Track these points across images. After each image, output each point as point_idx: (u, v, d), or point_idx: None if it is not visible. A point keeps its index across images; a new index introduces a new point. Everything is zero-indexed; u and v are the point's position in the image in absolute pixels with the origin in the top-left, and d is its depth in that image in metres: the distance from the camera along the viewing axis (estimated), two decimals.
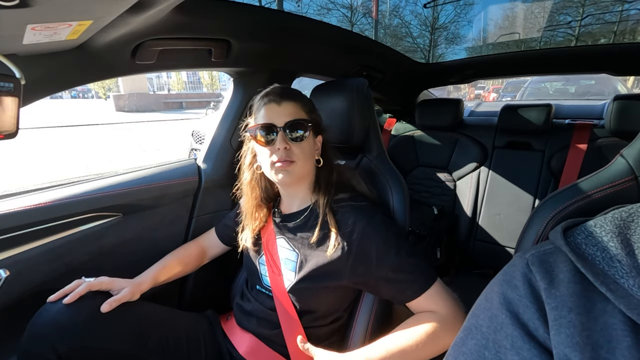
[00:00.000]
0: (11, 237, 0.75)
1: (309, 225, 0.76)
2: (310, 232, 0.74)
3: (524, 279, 0.36)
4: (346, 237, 0.70)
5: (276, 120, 0.71)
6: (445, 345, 0.65)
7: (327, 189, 0.76)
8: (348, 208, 0.74)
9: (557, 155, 1.44)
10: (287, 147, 0.71)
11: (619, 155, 0.50)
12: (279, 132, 0.71)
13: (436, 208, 1.61)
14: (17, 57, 0.57)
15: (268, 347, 0.76)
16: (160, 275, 0.87)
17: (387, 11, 9.52)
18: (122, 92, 16.06)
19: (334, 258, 0.69)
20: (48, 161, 5.22)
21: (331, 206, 0.74)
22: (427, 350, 0.64)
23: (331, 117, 0.89)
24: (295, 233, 0.78)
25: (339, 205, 0.74)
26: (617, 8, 5.26)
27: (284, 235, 0.80)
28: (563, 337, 0.31)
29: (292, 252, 0.77)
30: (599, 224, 0.37)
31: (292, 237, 0.78)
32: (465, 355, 0.37)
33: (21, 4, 0.37)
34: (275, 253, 0.79)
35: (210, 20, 0.78)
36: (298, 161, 0.72)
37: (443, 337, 0.64)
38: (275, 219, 0.82)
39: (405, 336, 0.65)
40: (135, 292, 0.77)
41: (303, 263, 0.74)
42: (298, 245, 0.76)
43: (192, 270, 0.97)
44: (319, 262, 0.71)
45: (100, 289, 0.74)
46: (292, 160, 0.72)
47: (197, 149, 3.18)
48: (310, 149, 0.75)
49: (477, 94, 13.45)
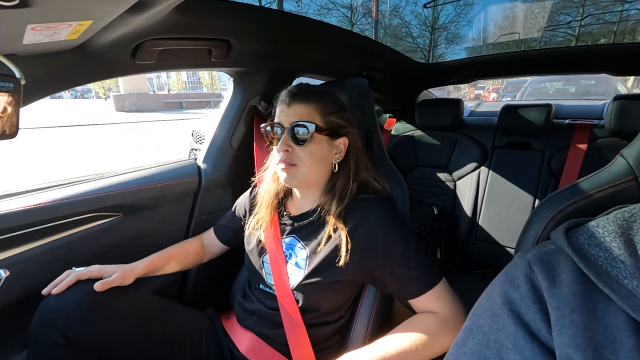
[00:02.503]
0: (11, 237, 0.75)
1: (318, 224, 0.75)
2: (321, 231, 0.73)
3: (526, 279, 0.36)
4: (354, 231, 0.70)
5: (284, 121, 0.72)
6: (445, 347, 0.64)
7: (341, 199, 0.73)
8: (357, 202, 0.73)
9: (557, 155, 1.44)
10: (289, 149, 0.70)
11: (619, 155, 0.50)
12: (283, 133, 0.71)
13: (436, 208, 1.61)
14: (17, 57, 0.57)
15: (269, 346, 0.76)
16: (156, 262, 0.87)
17: (387, 11, 9.52)
18: (122, 92, 16.04)
19: (342, 253, 0.69)
20: (48, 161, 5.21)
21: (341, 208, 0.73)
22: (427, 351, 0.64)
23: None
24: (306, 231, 0.77)
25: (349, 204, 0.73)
26: (617, 8, 5.26)
27: (293, 234, 0.79)
28: (565, 338, 0.31)
29: (302, 249, 0.76)
30: (602, 225, 0.37)
31: (301, 235, 0.78)
32: (467, 355, 0.37)
33: (21, 4, 0.37)
34: (281, 251, 0.79)
35: (210, 20, 0.78)
36: (301, 165, 0.71)
37: (443, 338, 0.64)
38: (283, 218, 0.82)
39: (405, 336, 0.64)
40: (126, 277, 0.77)
41: (312, 259, 0.74)
42: (307, 243, 0.76)
43: (191, 265, 0.97)
44: (326, 257, 0.71)
45: (90, 277, 0.73)
46: (294, 163, 0.71)
47: (197, 149, 3.17)
48: (320, 153, 0.72)
49: (477, 94, 13.45)
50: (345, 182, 0.75)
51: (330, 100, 0.76)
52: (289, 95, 0.73)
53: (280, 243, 0.79)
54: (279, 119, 0.73)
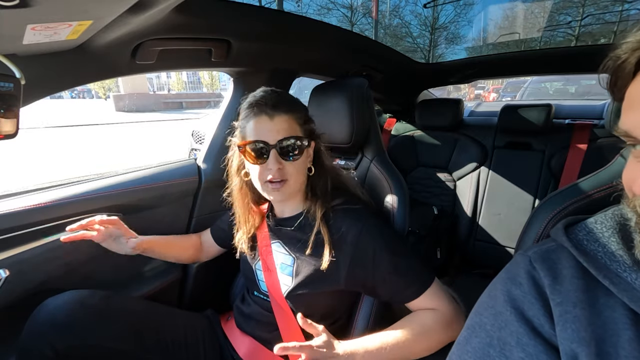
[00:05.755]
0: (11, 237, 0.75)
1: (303, 230, 0.74)
2: (306, 237, 0.72)
3: (528, 275, 0.36)
4: (341, 242, 0.69)
5: (268, 137, 0.66)
6: (441, 341, 0.65)
7: (324, 198, 0.73)
8: (342, 212, 0.72)
9: (557, 155, 1.44)
10: (281, 166, 0.68)
11: (619, 155, 0.50)
12: (271, 151, 0.66)
13: (436, 208, 1.60)
14: (17, 57, 0.57)
15: (267, 350, 0.76)
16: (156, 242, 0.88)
17: (387, 11, 9.51)
18: (122, 92, 16.04)
19: (330, 264, 0.68)
20: (48, 162, 5.21)
21: (325, 213, 0.73)
22: (423, 343, 0.64)
23: (331, 117, 0.89)
24: (291, 237, 0.76)
25: (333, 211, 0.73)
26: (617, 8, 5.25)
27: (279, 240, 0.78)
28: (569, 333, 0.31)
29: (288, 256, 0.76)
30: (600, 221, 0.37)
31: (287, 241, 0.77)
32: (470, 354, 0.37)
33: (21, 4, 0.37)
34: (270, 258, 0.78)
35: (210, 20, 0.78)
36: (291, 179, 0.70)
37: (439, 332, 0.65)
38: (270, 223, 0.81)
39: (402, 330, 0.65)
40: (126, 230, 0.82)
41: (299, 268, 0.73)
42: (293, 250, 0.75)
43: (188, 260, 0.98)
44: (315, 268, 0.70)
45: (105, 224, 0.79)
46: (285, 179, 0.69)
47: (197, 149, 3.17)
48: (304, 163, 0.72)
49: (477, 94, 13.43)
50: (324, 183, 0.75)
51: (302, 107, 0.74)
52: (269, 106, 0.67)
53: (271, 251, 0.78)
54: (260, 135, 0.66)
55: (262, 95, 0.69)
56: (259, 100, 0.68)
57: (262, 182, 0.70)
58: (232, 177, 0.80)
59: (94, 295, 0.72)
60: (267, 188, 0.70)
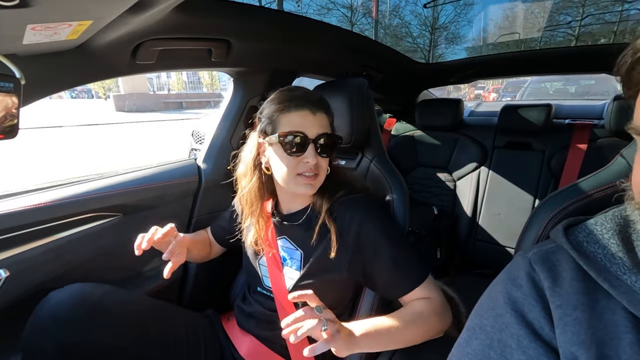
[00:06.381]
0: (11, 237, 0.75)
1: (309, 224, 0.76)
2: (311, 231, 0.74)
3: (528, 277, 0.36)
4: (345, 231, 0.71)
5: (309, 131, 0.68)
6: (433, 330, 0.67)
7: (332, 191, 0.76)
8: (345, 203, 0.74)
9: (557, 155, 1.44)
10: (316, 160, 0.69)
11: (619, 155, 0.50)
12: (309, 144, 0.68)
13: (436, 208, 1.60)
14: (17, 57, 0.57)
15: (268, 349, 0.76)
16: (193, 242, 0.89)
17: (387, 11, 9.51)
18: (122, 92, 16.04)
19: (335, 253, 0.70)
20: (48, 162, 5.21)
21: (330, 205, 0.74)
22: (416, 329, 0.65)
23: None
24: (297, 232, 0.77)
25: (337, 202, 0.75)
26: (617, 8, 5.26)
27: (284, 235, 0.79)
28: (569, 336, 0.31)
29: (296, 251, 0.77)
30: (600, 222, 0.37)
31: (294, 236, 0.78)
32: (470, 356, 0.37)
33: (21, 4, 0.37)
34: (276, 253, 0.79)
35: (210, 20, 0.78)
36: (321, 173, 0.72)
37: (434, 319, 0.66)
38: (275, 220, 0.82)
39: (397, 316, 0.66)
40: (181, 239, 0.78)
41: (306, 260, 0.74)
42: (300, 244, 0.77)
43: (205, 257, 0.97)
44: (321, 258, 0.72)
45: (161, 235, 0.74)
46: (317, 173, 0.71)
47: (197, 149, 3.17)
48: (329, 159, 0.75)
49: (477, 94, 13.44)
50: (333, 177, 0.76)
51: (331, 109, 0.76)
52: (313, 103, 0.70)
53: (276, 246, 0.79)
54: (301, 127, 0.68)
55: (304, 92, 0.71)
56: (301, 95, 0.70)
57: (293, 174, 0.70)
58: (247, 174, 0.77)
59: (97, 289, 0.72)
60: (299, 181, 0.70)
